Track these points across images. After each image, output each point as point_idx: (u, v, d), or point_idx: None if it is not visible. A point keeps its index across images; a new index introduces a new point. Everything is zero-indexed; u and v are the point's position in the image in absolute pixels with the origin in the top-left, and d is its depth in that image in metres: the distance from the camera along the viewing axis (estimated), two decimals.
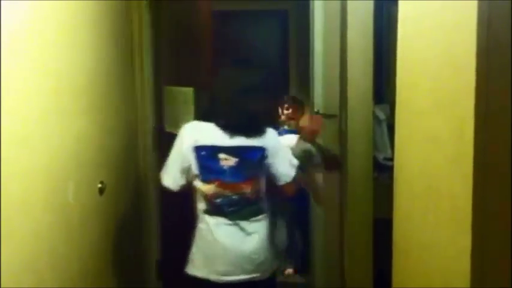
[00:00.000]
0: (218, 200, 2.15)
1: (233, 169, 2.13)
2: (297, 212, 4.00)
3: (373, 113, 3.08)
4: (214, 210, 2.17)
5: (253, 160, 2.14)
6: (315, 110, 3.21)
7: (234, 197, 2.15)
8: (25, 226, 1.55)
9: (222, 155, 2.12)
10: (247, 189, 2.15)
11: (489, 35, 1.09)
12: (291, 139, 2.43)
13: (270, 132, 2.23)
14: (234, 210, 2.16)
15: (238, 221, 2.17)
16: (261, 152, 2.15)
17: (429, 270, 1.45)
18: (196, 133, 2.18)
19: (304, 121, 2.41)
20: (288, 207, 3.75)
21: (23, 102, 1.55)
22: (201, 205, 2.20)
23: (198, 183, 2.16)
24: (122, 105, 2.74)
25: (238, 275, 2.17)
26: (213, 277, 2.17)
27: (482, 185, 1.11)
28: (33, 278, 1.61)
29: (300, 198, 3.43)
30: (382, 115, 3.33)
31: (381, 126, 3.34)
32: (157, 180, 2.32)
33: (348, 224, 3.04)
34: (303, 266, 4.05)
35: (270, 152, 2.17)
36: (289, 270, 4.17)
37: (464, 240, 1.18)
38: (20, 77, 1.53)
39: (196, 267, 2.20)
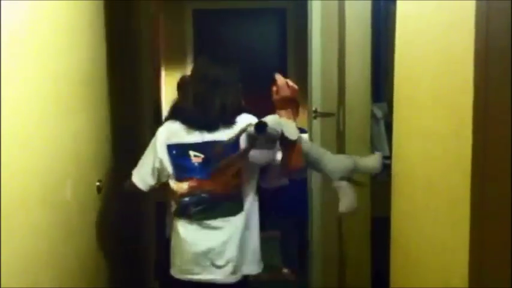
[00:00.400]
0: (186, 199, 2.13)
1: (202, 166, 2.11)
2: (292, 212, 4.00)
3: (371, 111, 3.07)
4: (181, 210, 2.17)
5: (225, 155, 2.07)
6: (313, 108, 3.21)
7: (203, 195, 2.12)
8: (24, 224, 1.55)
9: (191, 152, 2.12)
10: (213, 186, 2.11)
11: (488, 31, 1.09)
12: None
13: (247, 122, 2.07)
14: (201, 209, 2.14)
15: (204, 221, 2.15)
16: (234, 146, 2.05)
17: (427, 268, 1.45)
18: (169, 133, 2.17)
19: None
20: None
21: (22, 101, 1.55)
22: (173, 207, 2.21)
23: (172, 182, 2.16)
24: (119, 105, 2.74)
25: (202, 274, 2.16)
26: (183, 277, 2.19)
27: (481, 181, 1.11)
28: (32, 276, 1.61)
29: (297, 198, 3.43)
30: (379, 113, 3.33)
31: (378, 125, 3.33)
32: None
33: (346, 222, 3.04)
34: (300, 265, 4.05)
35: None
36: (285, 270, 4.17)
37: (463, 238, 1.18)
38: (19, 76, 1.52)
39: (174, 268, 2.23)
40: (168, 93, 5.26)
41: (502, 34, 1.06)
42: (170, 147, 2.14)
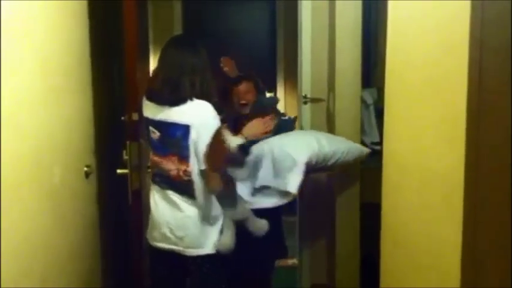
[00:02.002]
0: (155, 170, 2.27)
1: (158, 142, 2.22)
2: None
3: (361, 97, 3.07)
4: (153, 178, 2.31)
5: (174, 137, 2.14)
6: (303, 94, 3.20)
7: (161, 170, 2.23)
8: (15, 211, 1.54)
9: (150, 128, 2.24)
10: (168, 165, 2.19)
11: (483, 18, 1.08)
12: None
13: (201, 109, 2.12)
14: (164, 182, 2.24)
15: (168, 192, 2.23)
16: (183, 129, 2.10)
17: (417, 253, 1.46)
18: (145, 107, 2.29)
19: (255, 124, 2.35)
20: None
21: (13, 89, 1.53)
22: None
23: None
24: (107, 92, 2.72)
25: (163, 243, 2.26)
26: (152, 242, 2.32)
27: (474, 167, 1.11)
28: (23, 262, 1.61)
29: None
30: (369, 99, 3.33)
31: (368, 111, 3.34)
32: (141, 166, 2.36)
33: (336, 207, 3.05)
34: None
35: (195, 131, 2.09)
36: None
37: (455, 224, 1.18)
38: (9, 64, 1.50)
39: (147, 233, 2.37)
40: None
41: (497, 21, 1.06)
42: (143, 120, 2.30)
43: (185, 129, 2.10)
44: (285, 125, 2.79)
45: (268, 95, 3.35)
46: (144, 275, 2.54)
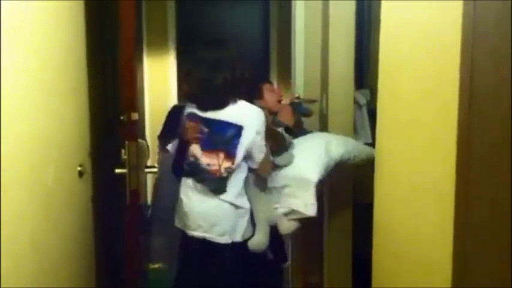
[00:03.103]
0: (191, 160, 2.31)
1: (205, 138, 2.27)
2: None
3: (354, 98, 3.08)
4: (186, 169, 2.35)
5: (225, 135, 2.23)
6: (296, 95, 3.20)
7: (197, 164, 2.28)
8: (5, 209, 1.53)
9: (195, 123, 2.31)
10: (209, 160, 2.25)
11: (475, 21, 1.09)
12: None
13: (253, 112, 2.26)
14: (197, 175, 2.31)
15: (199, 185, 2.31)
16: (235, 129, 2.21)
17: (409, 253, 1.47)
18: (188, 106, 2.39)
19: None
20: None
21: (5, 86, 1.52)
22: None
23: None
24: (102, 92, 2.71)
25: (197, 231, 2.33)
26: (186, 230, 2.38)
27: (465, 167, 1.12)
28: (13, 259, 1.60)
29: None
30: (362, 100, 3.34)
31: (361, 111, 3.35)
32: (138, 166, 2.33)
33: (328, 208, 3.06)
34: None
35: (247, 132, 2.21)
36: None
37: (446, 224, 1.19)
38: (2, 62, 1.49)
39: (177, 219, 2.45)
40: (152, 77, 5.21)
41: (489, 24, 1.07)
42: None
43: (237, 129, 2.21)
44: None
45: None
46: (138, 276, 2.54)
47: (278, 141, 2.43)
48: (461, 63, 1.12)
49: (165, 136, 2.93)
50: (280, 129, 2.55)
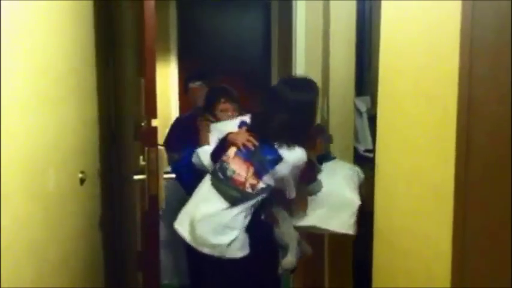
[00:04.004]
0: (223, 160, 2.33)
1: (250, 150, 2.28)
2: None
3: (354, 104, 3.09)
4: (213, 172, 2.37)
5: (264, 154, 2.26)
6: None
7: (226, 168, 2.29)
8: (4, 213, 1.53)
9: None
10: (238, 168, 2.26)
11: (473, 24, 1.10)
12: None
13: (298, 154, 2.26)
14: (221, 180, 2.29)
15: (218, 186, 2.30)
16: (275, 155, 2.23)
17: (410, 257, 1.47)
18: None
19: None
20: None
21: (5, 91, 1.53)
22: None
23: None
24: (101, 97, 2.72)
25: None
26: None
27: (464, 170, 1.13)
28: (11, 264, 1.60)
29: None
30: (363, 107, 3.35)
31: (361, 118, 3.36)
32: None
33: None
34: None
35: (284, 167, 2.24)
36: None
37: (446, 228, 1.19)
38: (3, 67, 1.50)
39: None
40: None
41: (488, 26, 1.08)
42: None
43: (277, 158, 2.23)
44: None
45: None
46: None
47: (314, 170, 2.51)
48: (460, 68, 1.13)
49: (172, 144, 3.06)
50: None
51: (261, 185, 2.25)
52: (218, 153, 2.42)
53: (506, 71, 1.06)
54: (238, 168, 2.27)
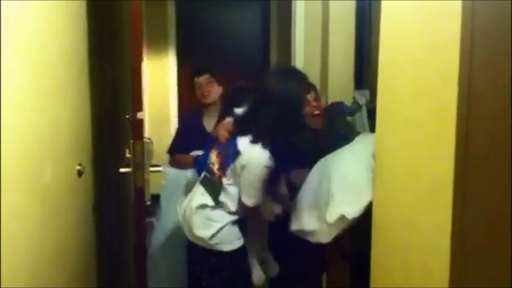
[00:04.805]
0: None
1: (224, 144, 2.28)
2: None
3: (353, 97, 3.08)
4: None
5: (228, 148, 2.24)
6: None
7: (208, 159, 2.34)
8: (2, 207, 1.53)
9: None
10: (214, 158, 2.29)
11: (473, 19, 1.09)
12: None
13: (254, 151, 2.14)
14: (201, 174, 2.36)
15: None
16: (235, 150, 2.18)
17: (408, 252, 1.47)
18: None
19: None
20: None
21: (2, 82, 1.52)
22: None
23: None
24: (98, 91, 2.71)
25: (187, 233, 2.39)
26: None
27: (463, 163, 1.12)
28: (9, 258, 1.59)
29: None
30: (362, 100, 3.33)
31: (361, 111, 3.35)
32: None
33: None
34: None
35: (240, 163, 2.16)
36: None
37: (445, 224, 1.19)
38: (3, 59, 1.49)
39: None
40: (152, 77, 5.21)
41: (488, 21, 1.07)
42: None
43: (236, 152, 2.18)
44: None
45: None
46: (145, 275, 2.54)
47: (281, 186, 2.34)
48: (460, 62, 1.12)
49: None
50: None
51: (226, 180, 2.22)
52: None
53: (506, 63, 1.05)
54: (214, 159, 2.30)
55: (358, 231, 2.06)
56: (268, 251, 2.47)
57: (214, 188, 2.27)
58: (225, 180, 2.23)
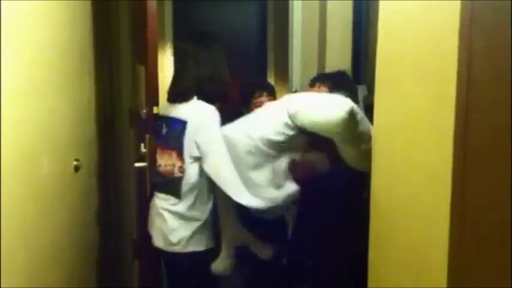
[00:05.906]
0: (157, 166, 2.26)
1: (164, 137, 2.22)
2: None
3: None
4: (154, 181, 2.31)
5: (174, 131, 2.16)
6: (293, 89, 3.21)
7: (159, 168, 2.22)
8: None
9: (160, 123, 2.26)
10: (166, 160, 2.18)
11: (472, 7, 1.09)
12: None
13: (199, 108, 2.13)
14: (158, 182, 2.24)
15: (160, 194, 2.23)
16: (181, 124, 2.12)
17: (406, 253, 1.47)
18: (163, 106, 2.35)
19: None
20: None
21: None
22: None
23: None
24: (96, 84, 2.71)
25: (163, 245, 2.23)
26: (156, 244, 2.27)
27: (462, 152, 1.12)
28: (4, 251, 1.60)
29: None
30: (360, 95, 3.34)
31: (358, 107, 3.34)
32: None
33: None
34: None
35: (191, 128, 2.10)
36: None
37: (443, 222, 1.19)
38: (2, 54, 1.49)
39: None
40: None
41: (487, 10, 1.07)
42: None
43: (182, 124, 2.11)
44: None
45: None
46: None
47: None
48: (459, 52, 1.12)
49: None
50: None
51: (188, 160, 2.11)
52: None
53: (505, 50, 1.05)
54: (164, 161, 2.19)
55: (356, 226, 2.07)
56: (247, 232, 2.31)
57: (172, 186, 2.17)
58: (187, 161, 2.11)
